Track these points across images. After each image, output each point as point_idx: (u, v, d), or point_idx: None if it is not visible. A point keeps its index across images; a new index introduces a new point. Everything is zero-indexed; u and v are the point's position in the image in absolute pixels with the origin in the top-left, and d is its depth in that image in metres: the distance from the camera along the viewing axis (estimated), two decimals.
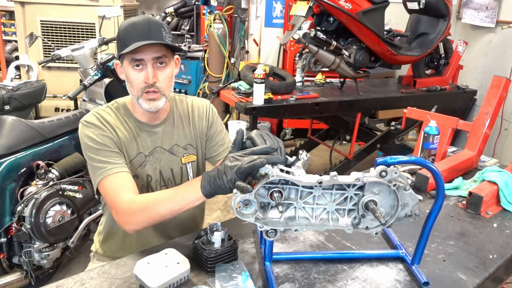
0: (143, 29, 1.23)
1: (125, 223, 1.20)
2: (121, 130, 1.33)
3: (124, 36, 1.25)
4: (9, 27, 6.48)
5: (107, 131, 1.29)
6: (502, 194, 1.57)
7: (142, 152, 1.36)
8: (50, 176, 2.16)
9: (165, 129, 1.40)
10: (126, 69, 1.28)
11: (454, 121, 1.91)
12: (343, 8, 2.90)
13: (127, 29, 1.25)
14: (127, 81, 1.30)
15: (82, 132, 1.29)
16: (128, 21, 1.28)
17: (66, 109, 4.29)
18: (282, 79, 3.21)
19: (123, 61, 1.28)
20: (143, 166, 1.36)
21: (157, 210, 1.15)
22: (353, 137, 3.44)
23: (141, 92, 1.27)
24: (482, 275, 1.16)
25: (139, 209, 1.17)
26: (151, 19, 1.27)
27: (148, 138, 1.37)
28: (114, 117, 1.34)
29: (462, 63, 3.81)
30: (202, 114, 1.47)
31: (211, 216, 3.25)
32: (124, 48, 1.23)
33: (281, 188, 0.98)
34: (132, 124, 1.36)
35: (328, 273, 1.14)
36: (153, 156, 1.37)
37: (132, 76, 1.27)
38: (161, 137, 1.39)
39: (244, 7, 5.28)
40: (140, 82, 1.26)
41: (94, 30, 4.22)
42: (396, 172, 0.98)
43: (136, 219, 1.18)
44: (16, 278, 2.11)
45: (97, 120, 1.30)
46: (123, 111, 1.37)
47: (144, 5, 6.86)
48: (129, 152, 1.34)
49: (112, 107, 1.37)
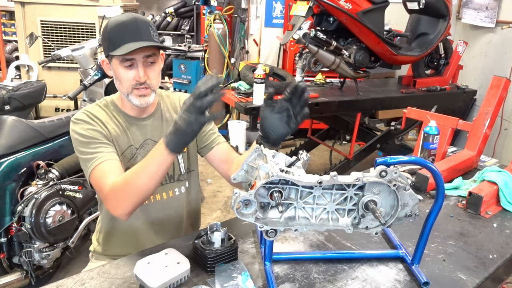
0: (132, 29, 1.26)
1: (113, 208, 1.22)
2: (110, 125, 1.35)
3: (113, 36, 1.27)
4: (9, 27, 6.49)
5: (97, 125, 1.32)
6: (502, 194, 1.57)
7: (132, 144, 1.38)
8: (50, 176, 2.16)
9: (154, 122, 1.43)
10: (116, 67, 1.30)
11: (454, 121, 1.91)
12: (343, 8, 2.90)
13: (116, 29, 1.27)
14: (116, 78, 1.33)
15: (72, 129, 1.32)
16: (116, 21, 1.28)
17: (66, 109, 4.29)
18: (282, 79, 3.21)
19: (112, 60, 1.31)
20: (134, 158, 1.38)
21: (136, 183, 1.16)
22: (353, 137, 3.44)
23: (131, 89, 1.30)
24: (482, 275, 1.17)
25: (121, 188, 1.18)
26: (138, 18, 1.29)
27: (138, 131, 1.40)
28: (103, 113, 1.36)
29: (462, 63, 3.81)
30: None
31: (211, 216, 3.25)
32: (114, 48, 1.25)
33: (281, 188, 0.98)
34: (121, 118, 1.38)
35: (328, 273, 1.14)
36: (144, 149, 1.40)
37: (123, 74, 1.29)
38: (150, 130, 1.42)
39: (244, 7, 5.28)
40: (130, 80, 1.29)
41: (94, 30, 4.22)
42: (396, 172, 0.98)
43: (121, 200, 1.19)
44: (16, 278, 2.11)
45: (86, 117, 1.32)
46: (111, 107, 1.39)
47: (144, 5, 6.87)
48: (120, 145, 1.36)
49: (100, 104, 1.39)
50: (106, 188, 1.21)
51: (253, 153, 1.14)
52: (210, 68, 4.81)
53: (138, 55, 1.27)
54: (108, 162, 1.25)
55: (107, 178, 1.22)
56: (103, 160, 1.25)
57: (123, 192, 1.18)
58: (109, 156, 1.27)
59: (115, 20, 1.29)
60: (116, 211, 1.22)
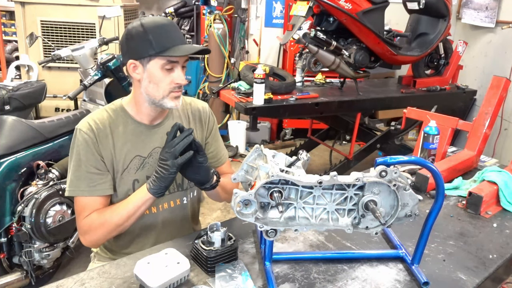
0: (174, 32, 1.28)
1: (86, 240, 1.33)
2: (115, 135, 1.33)
3: (157, 37, 1.24)
4: (9, 27, 6.48)
5: (97, 147, 1.30)
6: (502, 194, 1.57)
7: (139, 154, 1.36)
8: (50, 176, 2.16)
9: (165, 128, 1.40)
10: (154, 69, 1.27)
11: (454, 121, 1.91)
12: (343, 8, 2.90)
13: (158, 30, 1.24)
14: (151, 81, 1.28)
15: (73, 140, 1.32)
16: (154, 22, 1.26)
17: (66, 109, 4.28)
18: (282, 79, 3.21)
19: (150, 62, 1.26)
20: (141, 168, 1.36)
21: (114, 221, 1.27)
22: (353, 137, 3.44)
23: (168, 92, 1.29)
24: (482, 275, 1.17)
25: (98, 226, 1.28)
26: (172, 21, 1.31)
27: (147, 139, 1.38)
28: (110, 121, 1.33)
29: (462, 63, 3.81)
30: (203, 118, 1.50)
31: (211, 216, 3.25)
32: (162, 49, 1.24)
33: (281, 188, 0.98)
34: (130, 126, 1.36)
35: (328, 273, 1.14)
36: (153, 157, 1.37)
37: (161, 77, 1.27)
38: (160, 138, 1.39)
39: (244, 7, 5.28)
40: (169, 82, 1.28)
41: (94, 30, 4.22)
42: (396, 172, 0.98)
43: (95, 235, 1.30)
44: (16, 278, 2.11)
45: (91, 132, 1.30)
46: (121, 113, 1.36)
47: (144, 5, 6.86)
48: (125, 157, 1.34)
49: (109, 109, 1.36)
50: (82, 221, 1.30)
51: (253, 153, 1.14)
52: (210, 68, 4.80)
53: (182, 58, 1.28)
54: (88, 199, 1.30)
55: (84, 212, 1.31)
56: (84, 195, 1.30)
57: (99, 229, 1.28)
58: (91, 192, 1.30)
59: (153, 22, 1.26)
60: (87, 243, 1.34)
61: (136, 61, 1.28)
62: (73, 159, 1.31)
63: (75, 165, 1.31)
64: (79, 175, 1.30)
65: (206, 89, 4.87)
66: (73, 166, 1.31)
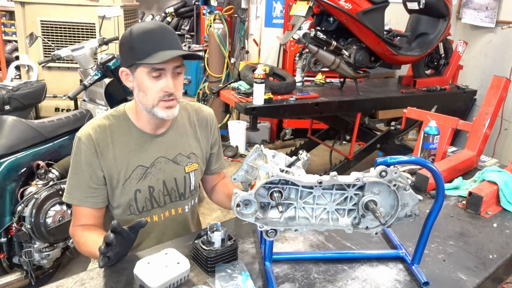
0: (162, 37, 1.21)
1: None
2: (116, 144, 1.30)
3: (141, 44, 1.19)
4: (9, 27, 6.48)
5: (95, 159, 1.28)
6: (502, 194, 1.57)
7: (142, 165, 1.33)
8: (50, 176, 2.16)
9: (169, 138, 1.38)
10: (141, 77, 1.22)
11: (454, 121, 1.91)
12: (343, 8, 2.90)
13: (144, 36, 1.20)
14: (140, 90, 1.25)
15: (73, 147, 1.31)
16: (142, 28, 1.21)
17: (66, 109, 4.28)
18: (282, 79, 3.21)
19: (136, 69, 1.23)
20: (143, 178, 1.33)
21: (82, 248, 1.28)
22: (353, 137, 3.44)
23: (157, 101, 1.24)
24: (482, 275, 1.17)
25: (76, 241, 1.31)
26: (165, 26, 1.25)
27: (151, 149, 1.35)
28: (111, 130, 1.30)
29: (462, 63, 3.81)
30: (210, 125, 1.49)
31: (211, 216, 3.25)
32: (144, 57, 1.18)
33: (281, 188, 0.98)
34: (133, 135, 1.33)
35: (328, 273, 1.14)
36: (156, 167, 1.35)
37: (149, 85, 1.22)
38: (165, 147, 1.37)
39: (244, 7, 5.28)
40: (158, 91, 1.23)
41: (94, 30, 4.22)
42: (396, 172, 0.98)
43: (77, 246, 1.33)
44: (16, 278, 2.11)
45: (90, 143, 1.27)
46: (123, 121, 1.33)
47: (144, 5, 6.86)
48: (127, 167, 1.31)
49: (110, 116, 1.33)
50: (71, 228, 1.35)
51: (253, 153, 1.14)
52: (210, 68, 4.81)
53: (169, 65, 1.21)
54: (80, 208, 1.32)
55: (75, 220, 1.34)
56: (75, 203, 1.32)
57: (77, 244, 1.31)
58: (81, 202, 1.30)
59: (141, 28, 1.21)
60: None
61: (126, 69, 1.26)
62: (72, 166, 1.31)
63: (72, 173, 1.31)
64: (73, 183, 1.31)
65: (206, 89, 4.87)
66: (71, 173, 1.32)
